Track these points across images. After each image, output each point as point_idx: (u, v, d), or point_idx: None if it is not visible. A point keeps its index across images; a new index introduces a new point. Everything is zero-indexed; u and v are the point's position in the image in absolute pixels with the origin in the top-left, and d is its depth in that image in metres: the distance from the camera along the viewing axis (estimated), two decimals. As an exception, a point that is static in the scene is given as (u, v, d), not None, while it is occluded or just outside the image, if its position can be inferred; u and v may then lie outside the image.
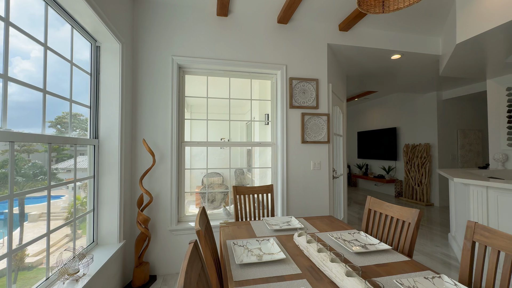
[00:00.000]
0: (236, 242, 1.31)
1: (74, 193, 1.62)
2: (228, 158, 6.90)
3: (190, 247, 0.78)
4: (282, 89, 2.61)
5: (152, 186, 2.30)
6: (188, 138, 6.55)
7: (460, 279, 1.05)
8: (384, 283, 0.96)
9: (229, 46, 2.51)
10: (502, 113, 3.23)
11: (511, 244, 0.92)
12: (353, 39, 2.82)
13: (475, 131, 5.21)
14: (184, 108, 2.55)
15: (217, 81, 4.24)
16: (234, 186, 2.12)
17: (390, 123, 6.18)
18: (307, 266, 1.09)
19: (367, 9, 1.20)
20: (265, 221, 1.71)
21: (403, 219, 1.36)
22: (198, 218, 1.13)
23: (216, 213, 2.70)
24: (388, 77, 4.16)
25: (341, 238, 1.39)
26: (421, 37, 3.02)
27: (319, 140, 2.67)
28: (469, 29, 2.24)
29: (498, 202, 2.01)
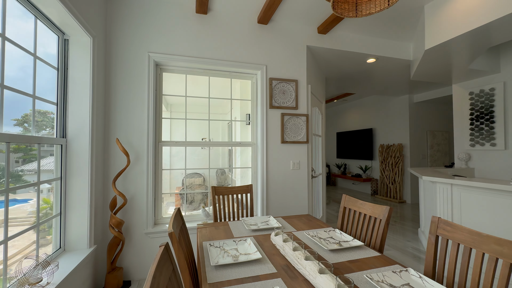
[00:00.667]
0: (213, 244, 1.29)
1: (37, 196, 1.51)
2: (210, 158, 6.81)
3: (160, 250, 0.76)
4: (262, 89, 2.62)
5: (127, 188, 2.20)
6: (168, 138, 6.37)
7: (425, 271, 1.11)
8: (355, 279, 0.99)
9: (209, 44, 2.47)
10: (465, 116, 3.48)
11: (469, 237, 0.98)
12: (331, 42, 2.90)
13: (442, 132, 5.58)
14: (161, 107, 2.48)
15: (198, 80, 4.16)
16: (213, 187, 2.09)
17: (367, 124, 6.44)
18: (283, 265, 1.09)
19: (341, 13, 1.23)
20: (243, 221, 1.70)
21: (375, 216, 1.42)
22: (172, 220, 1.10)
23: (195, 214, 2.64)
24: (365, 80, 4.33)
25: (317, 236, 1.42)
26: (394, 42, 3.18)
27: (299, 140, 2.72)
28: (436, 36, 2.39)
29: (461, 198, 2.16)
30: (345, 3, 1.24)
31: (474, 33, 2.16)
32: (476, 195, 2.03)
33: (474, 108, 3.34)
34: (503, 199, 1.85)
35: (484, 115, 3.22)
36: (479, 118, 3.28)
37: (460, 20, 2.18)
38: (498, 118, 3.10)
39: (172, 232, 0.92)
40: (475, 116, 3.33)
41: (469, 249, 0.98)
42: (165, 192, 3.12)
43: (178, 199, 5.38)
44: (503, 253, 0.87)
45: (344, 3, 1.24)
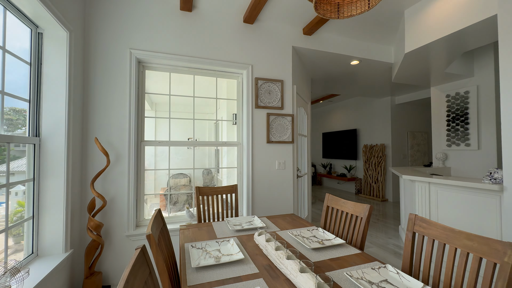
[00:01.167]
0: (195, 245, 1.27)
1: (6, 198, 1.42)
2: (196, 159, 6.71)
3: (135, 254, 0.73)
4: (248, 89, 2.61)
5: (107, 189, 2.12)
6: (153, 137, 6.22)
7: (403, 267, 1.15)
8: (336, 276, 1.00)
9: (194, 42, 2.43)
10: (442, 118, 3.64)
11: (443, 233, 1.02)
12: (316, 43, 2.94)
13: (422, 133, 5.81)
14: (144, 105, 2.40)
15: (183, 78, 4.09)
16: (197, 187, 2.06)
17: (351, 124, 6.60)
18: (265, 265, 1.09)
19: (323, 14, 1.25)
20: (227, 221, 1.69)
21: (356, 214, 1.45)
22: (151, 221, 1.07)
23: (179, 215, 2.59)
24: (349, 82, 4.44)
25: (300, 235, 1.43)
26: (377, 45, 3.27)
27: (284, 140, 2.73)
28: (415, 40, 2.49)
29: (438, 196, 2.26)
30: (327, 5, 1.25)
31: (450, 38, 2.26)
32: (451, 193, 2.12)
33: (450, 110, 3.51)
34: (475, 196, 1.95)
35: (460, 116, 3.39)
36: (455, 120, 3.45)
37: (437, 25, 2.27)
38: (472, 119, 3.26)
39: (150, 234, 0.89)
40: (451, 118, 3.49)
41: (443, 244, 1.02)
42: (148, 193, 3.02)
43: (163, 200, 5.26)
44: (473, 248, 0.91)
45: (326, 4, 1.25)
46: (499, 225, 1.81)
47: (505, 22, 1.72)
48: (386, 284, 0.93)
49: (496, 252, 0.84)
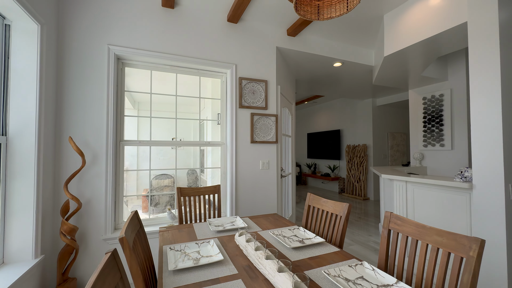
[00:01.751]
0: (173, 247, 1.24)
1: (-34, 202, 1.31)
2: (181, 159, 6.59)
3: (104, 258, 0.69)
4: (231, 88, 2.59)
5: (82, 191, 2.02)
6: (135, 137, 6.04)
7: (379, 264, 1.18)
8: (314, 275, 1.01)
9: (176, 40, 2.38)
10: (419, 119, 3.81)
11: (415, 229, 1.06)
12: (300, 44, 2.98)
13: (401, 134, 6.05)
14: (123, 104, 2.32)
15: (166, 77, 4.00)
16: (179, 188, 2.01)
17: (335, 125, 6.75)
18: (245, 266, 1.08)
19: (304, 15, 1.26)
20: (209, 222, 1.66)
21: (336, 213, 1.48)
22: (126, 224, 1.02)
23: (161, 217, 2.52)
24: (333, 83, 4.53)
25: (281, 235, 1.43)
26: (358, 48, 3.36)
27: (268, 140, 2.74)
28: (394, 44, 2.58)
29: (414, 194, 2.35)
30: (307, 6, 1.27)
31: (426, 42, 2.36)
32: (426, 191, 2.22)
33: (426, 112, 3.67)
34: (448, 194, 2.05)
35: (435, 118, 3.56)
36: (430, 121, 3.61)
37: (414, 30, 2.37)
38: (446, 121, 3.44)
39: (123, 238, 0.85)
40: (427, 119, 3.66)
41: (415, 240, 1.06)
42: (128, 195, 2.93)
43: (146, 201, 5.11)
44: (443, 243, 0.95)
45: (306, 5, 1.26)
46: (469, 221, 1.92)
47: (474, 29, 1.82)
48: (361, 280, 0.95)
49: (462, 247, 0.89)
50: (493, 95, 1.71)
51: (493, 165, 1.70)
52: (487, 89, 1.74)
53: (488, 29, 1.74)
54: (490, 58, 1.73)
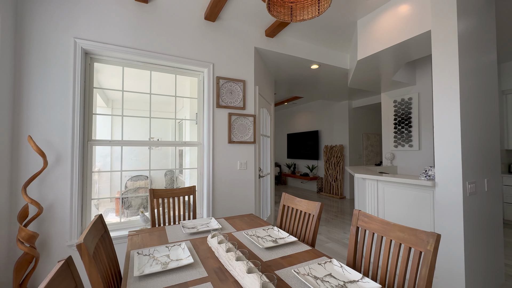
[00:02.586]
0: (141, 251, 1.18)
1: None
2: (158, 160, 6.37)
3: (56, 267, 0.64)
4: (209, 87, 2.55)
5: (45, 194, 1.88)
6: (109, 137, 5.75)
7: (347, 260, 1.22)
8: (284, 274, 1.02)
9: (150, 36, 2.29)
10: (390, 121, 4.01)
11: (380, 226, 1.11)
12: (278, 46, 3.01)
13: (375, 134, 6.34)
14: (92, 101, 2.19)
15: (143, 75, 3.85)
16: (151, 189, 1.94)
17: (314, 126, 6.91)
18: (215, 268, 1.06)
19: (277, 15, 1.27)
20: (182, 225, 1.62)
21: (309, 212, 1.50)
22: (87, 229, 0.96)
23: (133, 220, 2.42)
24: (311, 85, 4.63)
25: (255, 235, 1.43)
26: (334, 52, 3.47)
27: (246, 140, 2.73)
28: (367, 49, 2.69)
29: (384, 192, 2.47)
30: (280, 7, 1.27)
31: (395, 48, 2.49)
32: (395, 189, 2.34)
33: (397, 114, 3.88)
34: (414, 192, 2.18)
35: (404, 120, 3.77)
36: (400, 123, 3.82)
37: (385, 36, 2.49)
38: (414, 123, 3.65)
39: (80, 244, 0.80)
40: (397, 121, 3.86)
41: (380, 237, 1.11)
42: (100, 197, 2.77)
43: (120, 204, 4.88)
44: (405, 239, 1.00)
45: (280, 6, 1.27)
46: (432, 216, 2.05)
47: (436, 37, 1.95)
48: (330, 278, 0.97)
49: (421, 242, 0.94)
50: (452, 100, 1.84)
51: (453, 164, 1.83)
52: (447, 93, 1.87)
53: (449, 38, 1.87)
54: (450, 65, 1.86)
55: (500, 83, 4.03)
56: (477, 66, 1.98)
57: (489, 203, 2.03)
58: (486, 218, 1.99)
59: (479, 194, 1.93)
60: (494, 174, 2.11)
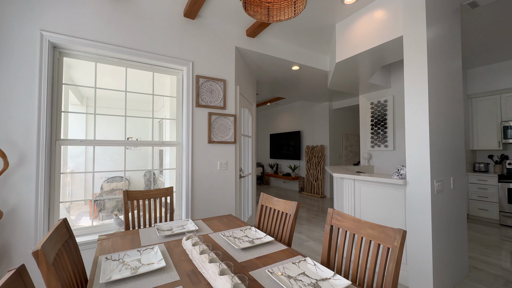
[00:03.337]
0: (110, 257, 1.13)
1: None
2: (137, 160, 6.15)
3: (5, 277, 0.59)
4: (188, 86, 2.50)
5: (5, 198, 1.74)
6: (83, 136, 5.46)
7: (322, 258, 1.24)
8: (258, 274, 1.01)
9: (125, 32, 2.20)
10: (368, 122, 4.16)
11: (353, 224, 1.14)
12: (260, 46, 3.01)
13: (354, 135, 6.55)
14: (61, 98, 2.07)
15: (120, 72, 3.70)
16: (125, 191, 1.86)
17: (296, 127, 7.01)
18: (189, 271, 1.04)
19: (253, 15, 1.26)
20: (157, 227, 1.56)
21: (286, 212, 1.52)
22: (47, 235, 0.90)
23: (107, 223, 2.31)
24: (293, 86, 4.69)
25: (232, 236, 1.41)
26: (315, 54, 3.53)
27: (226, 140, 2.71)
28: (345, 52, 2.77)
29: (361, 191, 2.55)
30: (257, 6, 1.27)
31: (371, 51, 2.58)
32: (371, 188, 2.43)
33: (373, 116, 4.03)
34: (388, 190, 2.27)
35: (380, 121, 3.92)
36: (377, 124, 3.98)
37: (362, 39, 2.57)
38: (389, 124, 3.82)
39: (37, 251, 0.74)
40: (374, 123, 4.02)
41: (352, 234, 1.14)
42: (68, 200, 2.63)
43: (94, 207, 4.65)
44: (374, 236, 1.04)
45: (256, 6, 1.27)
46: (404, 214, 2.15)
47: (408, 43, 2.04)
48: (303, 276, 0.98)
49: (389, 238, 0.97)
50: (422, 103, 1.94)
51: (422, 163, 1.93)
52: (417, 97, 1.97)
53: (419, 44, 1.97)
54: (420, 70, 1.96)
55: (466, 88, 4.33)
56: (444, 72, 2.10)
57: (454, 200, 2.16)
58: (452, 214, 2.12)
59: (446, 192, 2.05)
60: (459, 172, 2.25)
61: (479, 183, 3.97)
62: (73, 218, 4.08)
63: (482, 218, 3.98)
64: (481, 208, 3.95)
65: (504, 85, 3.92)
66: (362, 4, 2.48)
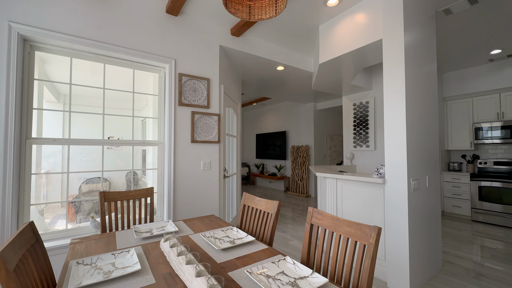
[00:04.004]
0: (82, 261, 1.07)
1: None
2: (119, 160, 5.94)
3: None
4: (170, 84, 2.44)
5: (-33, 201, 1.61)
6: (60, 135, 5.20)
7: (302, 257, 1.25)
8: (237, 275, 1.00)
9: (104, 26, 2.11)
10: (350, 123, 4.26)
11: (331, 222, 1.16)
12: (244, 45, 3.00)
13: (338, 135, 6.70)
14: (33, 95, 1.95)
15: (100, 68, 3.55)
16: (101, 192, 1.78)
17: (281, 127, 7.06)
18: (165, 274, 1.00)
19: (234, 12, 1.25)
20: (135, 229, 1.51)
21: (268, 211, 1.51)
22: (10, 239, 0.84)
23: (82, 227, 2.20)
24: (278, 87, 4.72)
25: (213, 237, 1.39)
26: (299, 54, 3.57)
27: (210, 140, 2.67)
28: (328, 53, 2.82)
29: (343, 190, 2.61)
30: (238, 4, 1.26)
31: (354, 53, 2.64)
32: (352, 187, 2.49)
33: (356, 117, 4.14)
34: (368, 189, 2.34)
35: (362, 122, 4.03)
36: (359, 125, 4.09)
37: (344, 41, 2.63)
38: (370, 125, 3.93)
39: (-6, 256, 0.69)
40: (356, 123, 4.12)
41: (331, 232, 1.16)
42: (45, 203, 2.49)
43: (72, 211, 4.45)
44: (352, 233, 1.06)
45: (237, 4, 1.26)
46: (383, 211, 2.21)
47: (387, 46, 2.11)
48: (282, 275, 0.98)
49: (365, 235, 1.00)
50: (399, 104, 2.01)
51: (399, 163, 2.00)
52: (395, 99, 2.04)
53: (397, 47, 2.04)
54: (398, 72, 2.03)
55: (442, 91, 4.55)
56: (420, 75, 2.19)
57: (430, 197, 2.26)
58: (427, 210, 2.21)
59: (422, 190, 2.14)
60: (434, 171, 2.35)
61: (453, 182, 4.19)
62: (48, 222, 3.87)
63: (456, 215, 4.19)
64: (455, 205, 4.16)
65: (475, 88, 4.16)
66: (345, 7, 2.53)
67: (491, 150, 4.20)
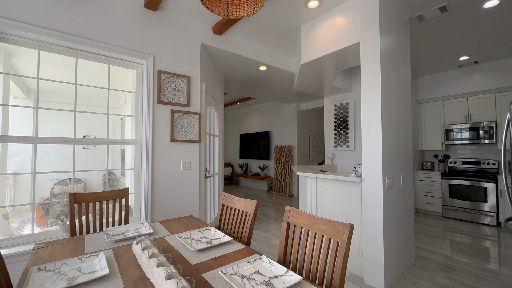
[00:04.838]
0: (44, 267, 1.00)
1: None
2: (95, 160, 5.67)
3: None
4: (148, 81, 2.36)
5: None
6: (30, 133, 4.87)
7: (278, 256, 1.25)
8: (212, 276, 0.98)
9: (75, 18, 2.00)
10: (331, 124, 4.36)
11: (307, 220, 1.17)
12: (226, 44, 2.97)
13: (320, 136, 6.84)
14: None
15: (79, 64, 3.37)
16: (71, 193, 1.68)
17: (265, 127, 7.09)
18: (135, 278, 0.96)
19: (212, 9, 1.23)
20: (106, 232, 1.44)
21: (246, 211, 1.50)
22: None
23: (51, 230, 2.08)
24: (262, 87, 4.72)
25: (189, 238, 1.36)
26: (282, 55, 3.60)
27: (190, 139, 2.62)
28: (309, 54, 2.85)
29: (322, 189, 2.65)
30: (216, 1, 1.24)
31: (334, 55, 2.70)
32: (331, 185, 2.54)
33: (336, 117, 4.24)
34: (346, 187, 2.40)
35: (343, 123, 4.14)
36: (339, 126, 4.19)
37: (325, 43, 2.68)
38: (350, 126, 4.04)
39: None
40: (337, 124, 4.22)
41: (307, 230, 1.16)
42: (8, 206, 2.34)
43: (42, 214, 4.18)
44: (326, 231, 1.07)
45: (215, 0, 1.23)
46: (360, 209, 2.28)
47: (364, 48, 2.18)
48: (256, 275, 0.98)
49: (339, 233, 1.01)
50: (375, 106, 2.08)
51: (375, 162, 2.07)
52: (372, 101, 2.11)
53: (373, 51, 2.11)
54: (374, 75, 2.10)
55: (417, 94, 4.77)
56: (395, 78, 2.28)
57: (403, 195, 2.36)
58: (401, 208, 2.30)
59: (396, 188, 2.23)
60: (408, 170, 2.46)
61: (426, 180, 4.41)
62: (14, 226, 3.61)
63: (429, 212, 4.42)
64: (427, 202, 4.38)
65: (446, 92, 4.41)
66: (325, 9, 2.58)
67: (460, 150, 4.47)
